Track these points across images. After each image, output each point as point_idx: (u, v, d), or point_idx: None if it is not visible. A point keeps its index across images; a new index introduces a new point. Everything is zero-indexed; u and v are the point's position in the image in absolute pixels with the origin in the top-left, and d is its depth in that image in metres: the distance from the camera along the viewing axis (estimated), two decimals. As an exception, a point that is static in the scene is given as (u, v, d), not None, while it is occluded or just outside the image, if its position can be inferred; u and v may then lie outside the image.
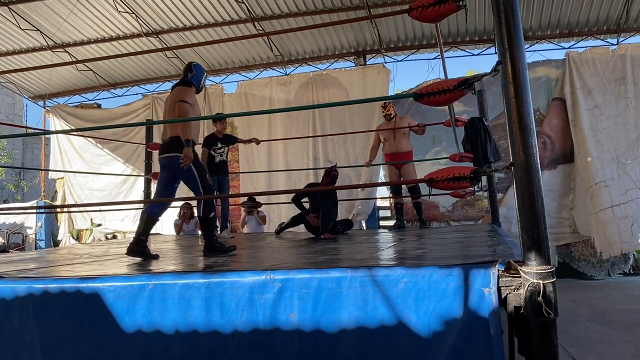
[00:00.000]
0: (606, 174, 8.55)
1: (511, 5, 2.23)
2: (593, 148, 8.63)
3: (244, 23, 9.43)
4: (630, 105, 8.67)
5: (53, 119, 11.73)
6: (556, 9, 8.74)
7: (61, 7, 9.08)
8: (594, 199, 8.49)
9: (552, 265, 2.14)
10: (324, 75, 10.22)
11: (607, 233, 8.39)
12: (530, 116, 2.17)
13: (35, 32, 9.80)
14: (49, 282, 2.72)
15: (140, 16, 9.39)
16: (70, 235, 11.46)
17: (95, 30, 9.85)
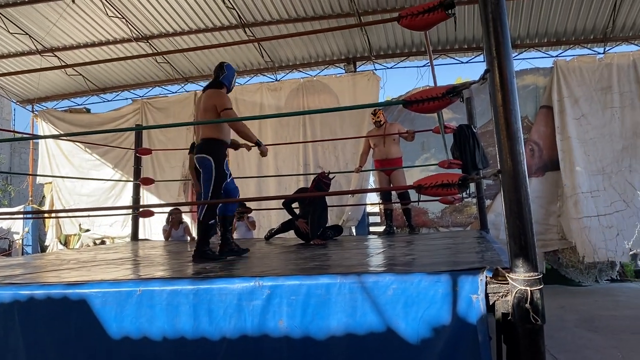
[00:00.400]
0: (592, 185, 8.63)
1: (499, 14, 2.25)
2: (580, 159, 8.70)
3: (235, 29, 9.44)
4: (616, 116, 8.76)
5: (41, 123, 11.64)
6: (544, 18, 8.85)
7: (51, 12, 9.04)
8: (578, 206, 8.57)
9: (539, 272, 2.15)
10: (314, 81, 10.25)
11: (591, 239, 8.46)
12: (517, 124, 2.19)
13: (24, 36, 9.74)
14: (35, 288, 2.69)
15: (131, 21, 9.37)
16: (58, 240, 11.35)
17: (85, 35, 9.81)
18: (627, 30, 9.04)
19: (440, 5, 2.54)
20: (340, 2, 8.69)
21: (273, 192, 10.05)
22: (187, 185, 10.42)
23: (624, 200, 8.58)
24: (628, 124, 8.73)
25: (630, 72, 8.80)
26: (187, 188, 10.53)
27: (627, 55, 8.91)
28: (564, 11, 8.65)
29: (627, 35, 9.13)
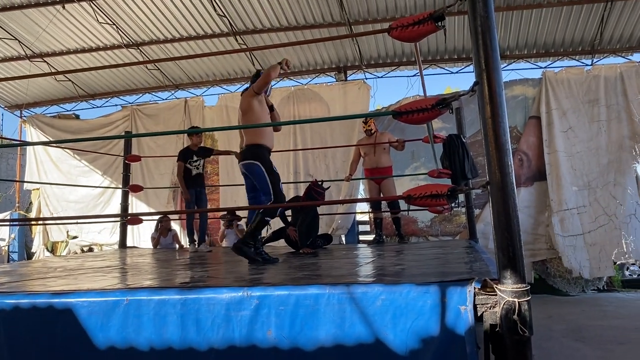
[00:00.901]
0: (578, 201, 8.71)
1: (488, 27, 2.27)
2: (567, 173, 8.78)
3: (226, 37, 9.45)
4: (603, 129, 8.86)
5: (30, 129, 11.55)
6: (533, 29, 8.95)
7: (40, 17, 9.00)
8: (565, 223, 8.65)
9: (527, 283, 2.16)
10: (305, 89, 10.26)
11: (577, 257, 8.58)
12: (506, 136, 2.21)
13: (13, 42, 9.69)
14: (21, 297, 2.66)
15: (121, 27, 9.35)
16: (45, 247, 11.23)
17: (75, 41, 9.77)
18: (615, 43, 9.18)
19: (430, 18, 2.55)
20: (332, 11, 8.74)
21: (263, 199, 10.02)
22: (177, 193, 10.36)
23: (607, 213, 8.66)
24: (614, 137, 8.83)
25: (617, 84, 8.91)
26: (177, 196, 10.47)
27: (615, 67, 9.03)
28: (553, 23, 8.76)
29: (615, 47, 9.27)
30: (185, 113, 10.66)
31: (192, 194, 6.46)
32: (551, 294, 8.68)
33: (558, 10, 8.49)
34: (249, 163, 4.32)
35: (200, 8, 8.77)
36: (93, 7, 8.72)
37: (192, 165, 6.53)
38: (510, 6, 8.38)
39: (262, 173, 4.26)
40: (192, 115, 10.68)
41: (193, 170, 6.53)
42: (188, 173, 6.49)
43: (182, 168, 6.49)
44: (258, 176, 4.30)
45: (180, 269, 4.22)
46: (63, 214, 10.87)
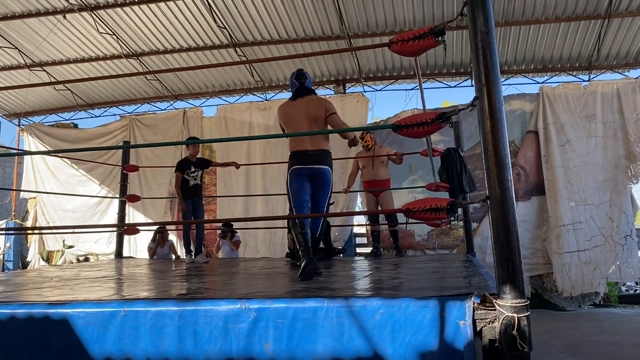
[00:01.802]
0: (575, 216, 8.75)
1: (489, 42, 2.29)
2: (563, 188, 8.83)
3: (225, 48, 9.50)
4: (599, 146, 8.92)
5: (28, 137, 11.55)
6: (531, 45, 9.03)
7: (41, 26, 9.05)
8: (560, 240, 8.68)
9: (526, 298, 2.16)
10: (303, 102, 10.28)
11: (570, 275, 8.61)
12: (505, 151, 2.22)
13: (13, 50, 9.71)
14: (16, 307, 2.63)
15: (121, 38, 9.39)
16: (40, 256, 11.17)
17: (75, 50, 9.81)
18: (612, 59, 9.25)
19: (430, 32, 2.57)
20: (331, 24, 8.80)
21: (260, 211, 10.03)
22: (174, 203, 10.35)
23: (603, 234, 8.72)
24: (610, 155, 8.89)
25: (613, 101, 8.98)
26: (174, 206, 10.46)
27: (611, 83, 9.10)
28: (551, 39, 8.84)
29: (612, 63, 9.34)
30: (184, 123, 10.68)
31: (189, 205, 6.45)
32: (548, 309, 8.68)
33: (556, 27, 8.58)
34: (325, 169, 4.04)
35: (201, 19, 8.82)
36: (94, 17, 8.76)
37: (189, 176, 6.52)
38: (509, 22, 8.45)
39: (330, 181, 4.10)
40: (191, 126, 10.70)
41: (191, 181, 6.52)
42: (185, 184, 6.48)
43: (179, 179, 6.48)
44: (328, 183, 4.08)
45: (177, 280, 4.20)
46: (60, 222, 10.83)
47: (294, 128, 4.10)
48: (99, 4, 8.57)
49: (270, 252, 9.83)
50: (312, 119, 4.06)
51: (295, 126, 4.09)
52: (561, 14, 8.29)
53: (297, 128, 4.08)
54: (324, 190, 4.09)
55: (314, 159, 4.01)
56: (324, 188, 4.07)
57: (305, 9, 8.45)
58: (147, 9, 8.66)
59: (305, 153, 4.00)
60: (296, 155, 4.06)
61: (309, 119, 4.06)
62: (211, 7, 8.42)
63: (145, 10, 8.69)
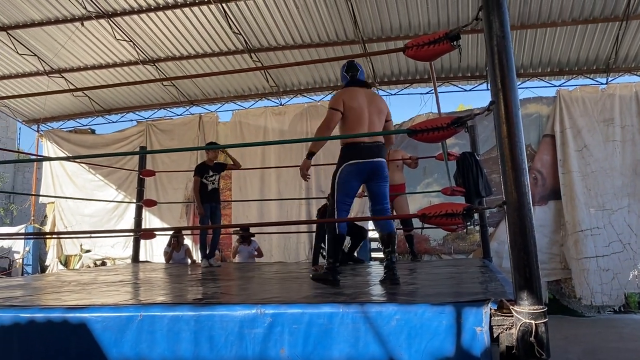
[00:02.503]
0: (592, 222, 8.63)
1: (505, 46, 2.27)
2: (581, 193, 8.72)
3: (241, 54, 9.56)
4: (617, 150, 8.79)
5: (46, 143, 11.72)
6: (547, 48, 8.94)
7: (59, 34, 9.19)
8: (578, 245, 8.57)
9: (544, 304, 2.13)
10: (318, 106, 10.32)
11: (589, 282, 8.48)
12: (522, 156, 2.20)
13: (32, 57, 9.87)
14: (35, 312, 2.67)
15: (138, 44, 9.49)
16: (59, 260, 11.31)
17: (92, 57, 9.94)
18: (630, 62, 9.13)
19: (445, 37, 2.56)
20: (346, 29, 8.81)
21: (274, 215, 10.06)
22: (190, 208, 10.42)
23: (621, 241, 8.58)
24: (628, 160, 8.76)
25: (632, 104, 8.86)
26: (190, 210, 10.53)
27: (630, 86, 8.98)
28: (567, 41, 8.75)
29: (630, 66, 9.21)
30: (200, 129, 10.76)
31: (206, 209, 6.47)
32: (566, 315, 8.56)
33: (573, 29, 8.49)
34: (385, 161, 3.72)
35: (216, 26, 8.89)
36: (111, 24, 8.88)
37: (207, 180, 6.55)
38: (525, 25, 8.39)
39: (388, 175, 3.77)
40: (207, 131, 10.77)
41: (209, 185, 6.55)
42: (204, 188, 6.51)
43: (198, 183, 6.51)
44: (388, 182, 3.78)
45: (193, 284, 4.22)
46: (77, 227, 10.96)
47: (360, 117, 3.64)
48: (116, 11, 8.68)
49: (284, 257, 9.84)
50: (380, 113, 3.76)
51: (363, 116, 3.64)
52: (578, 16, 8.20)
53: (364, 118, 3.64)
54: (386, 186, 3.75)
55: (375, 152, 3.63)
56: (384, 183, 3.72)
57: (320, 14, 8.47)
58: (163, 16, 8.75)
59: (362, 146, 3.59)
60: (352, 147, 3.60)
61: (379, 113, 3.75)
62: (226, 13, 8.48)
63: (161, 17, 8.78)
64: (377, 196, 3.71)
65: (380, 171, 3.65)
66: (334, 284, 3.39)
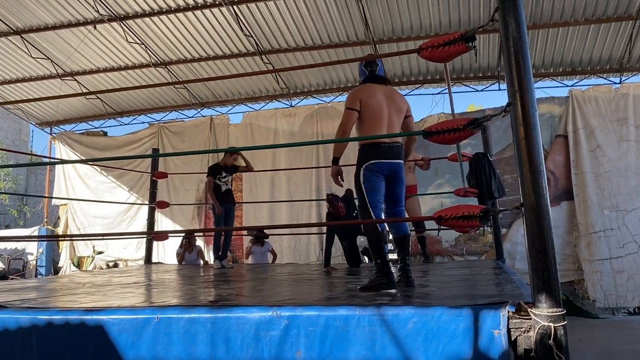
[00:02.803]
0: (606, 223, 8.56)
1: (521, 47, 2.26)
2: (594, 194, 8.65)
3: (252, 56, 9.58)
4: (631, 150, 8.71)
5: (59, 145, 11.82)
6: (559, 48, 8.88)
7: (72, 37, 9.27)
8: (591, 247, 8.50)
9: (562, 307, 2.12)
10: (328, 107, 10.32)
11: (602, 284, 8.40)
12: (540, 157, 2.18)
13: (45, 61, 9.96)
14: (53, 313, 2.69)
15: (150, 47, 9.55)
16: (71, 262, 11.40)
17: (105, 60, 10.01)
18: (644, 61, 9.04)
19: (461, 38, 2.55)
20: (357, 30, 8.80)
21: (285, 216, 10.08)
22: (202, 209, 10.47)
23: (636, 242, 8.50)
24: (643, 159, 8.68)
25: (646, 103, 8.78)
26: (201, 212, 10.57)
27: (644, 85, 8.90)
28: (580, 41, 8.69)
29: (644, 65, 9.12)
30: (211, 131, 10.80)
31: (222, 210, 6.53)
32: (580, 316, 8.48)
33: (585, 29, 8.43)
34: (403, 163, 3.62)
35: (227, 28, 8.92)
36: (123, 27, 8.94)
37: (221, 181, 6.60)
38: (537, 24, 8.33)
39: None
40: (217, 133, 10.82)
41: (222, 186, 6.60)
42: (218, 189, 6.56)
43: (212, 183, 6.57)
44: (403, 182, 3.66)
45: (207, 286, 4.24)
46: (90, 229, 11.04)
47: (379, 116, 3.49)
48: (127, 14, 8.74)
49: (295, 258, 9.85)
50: (399, 111, 3.60)
51: (381, 114, 3.49)
52: (591, 15, 8.14)
53: (382, 117, 3.50)
54: (403, 188, 3.67)
55: (395, 153, 3.52)
56: (402, 185, 3.65)
57: (331, 16, 8.47)
58: (174, 19, 8.79)
59: (383, 146, 3.46)
60: (373, 147, 3.47)
61: (398, 111, 3.59)
62: (238, 15, 8.51)
63: (172, 20, 8.83)
64: (392, 199, 3.61)
65: (398, 173, 3.56)
66: (389, 287, 3.20)
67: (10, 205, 18.17)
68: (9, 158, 17.71)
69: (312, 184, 10.09)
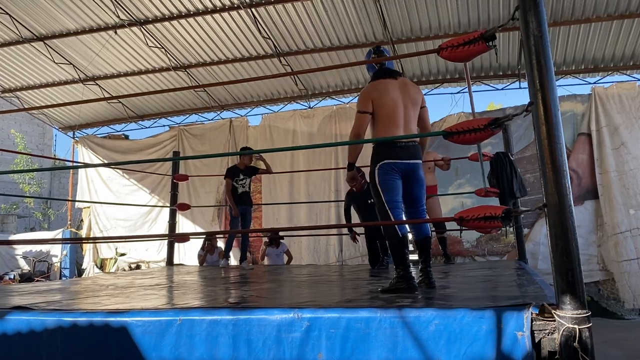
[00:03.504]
0: (632, 223, 8.41)
1: (543, 46, 2.23)
2: (619, 193, 8.49)
3: (270, 58, 9.63)
4: None
5: (82, 149, 12.01)
6: (581, 45, 8.75)
7: (94, 42, 9.41)
8: (618, 247, 8.34)
9: (587, 309, 2.08)
10: (347, 108, 10.31)
11: (631, 284, 8.24)
12: (563, 157, 2.15)
13: (68, 66, 10.13)
14: (78, 315, 2.73)
15: (170, 51, 9.65)
16: (95, 264, 11.57)
17: (125, 64, 10.15)
18: (669, 56, 8.86)
19: (481, 38, 2.53)
20: (375, 30, 8.78)
21: (304, 217, 10.10)
22: (222, 211, 10.53)
23: None
24: (669, 157, 8.50)
25: (671, 99, 8.61)
26: (221, 214, 10.64)
27: (669, 81, 8.72)
28: (602, 37, 8.54)
29: (669, 61, 8.94)
30: (230, 133, 10.88)
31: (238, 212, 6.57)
32: (605, 317, 8.33)
33: (607, 25, 8.29)
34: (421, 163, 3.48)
35: (246, 31, 8.98)
36: (143, 32, 9.05)
37: (238, 183, 6.63)
38: (557, 22, 8.22)
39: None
40: (237, 135, 10.89)
41: (239, 188, 6.63)
42: (234, 191, 6.60)
43: (230, 185, 6.61)
44: (425, 185, 3.56)
45: (229, 287, 4.26)
46: (112, 231, 11.19)
47: (394, 114, 3.34)
48: (147, 18, 8.85)
49: (314, 259, 9.86)
50: (415, 104, 3.43)
51: (397, 112, 3.34)
52: (613, 11, 8.00)
53: (398, 114, 3.34)
54: (423, 188, 3.51)
55: (412, 153, 3.36)
56: (421, 186, 3.49)
57: (349, 16, 8.47)
58: (194, 22, 8.88)
59: (399, 145, 3.32)
60: (387, 146, 3.33)
61: (413, 104, 3.42)
62: (256, 18, 8.56)
63: (192, 23, 8.92)
64: (412, 199, 3.46)
65: (416, 173, 3.40)
66: (410, 291, 3.12)
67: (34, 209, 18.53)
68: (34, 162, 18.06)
69: (330, 184, 10.09)
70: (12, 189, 17.33)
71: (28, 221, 18.34)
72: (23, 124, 18.97)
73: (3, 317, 2.79)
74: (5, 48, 9.70)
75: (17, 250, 12.62)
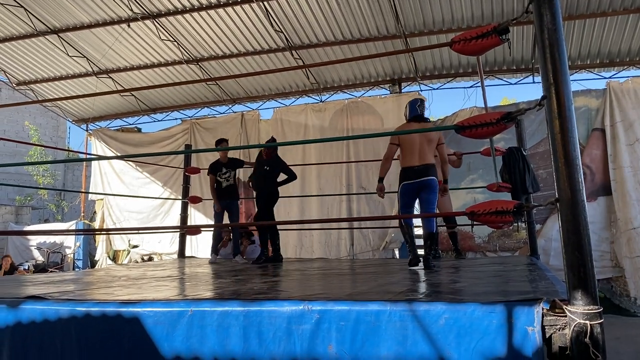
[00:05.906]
0: None
1: (557, 39, 2.21)
2: (632, 189, 8.38)
3: (282, 51, 9.61)
4: None
5: (95, 141, 12.11)
6: (596, 39, 8.64)
7: (107, 35, 9.47)
8: (631, 243, 8.25)
9: (599, 305, 2.07)
10: (358, 102, 10.28)
11: None
12: (576, 152, 2.14)
13: (81, 59, 10.21)
14: (91, 305, 2.77)
15: (182, 44, 9.68)
16: (107, 255, 11.68)
17: (138, 57, 10.20)
18: (686, 51, 8.72)
19: (494, 31, 2.51)
20: (387, 24, 8.73)
21: (315, 211, 10.09)
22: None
23: None
24: (684, 153, 8.38)
25: (687, 94, 8.47)
26: (233, 207, 10.66)
27: (685, 76, 8.58)
28: (618, 31, 8.43)
29: (686, 55, 8.80)
30: (242, 126, 10.89)
31: (222, 206, 6.68)
32: (617, 314, 8.26)
33: (624, 18, 8.17)
34: (430, 179, 4.73)
35: (258, 24, 8.97)
36: (156, 25, 9.09)
37: (221, 177, 6.74)
38: (572, 16, 8.12)
39: (437, 187, 4.83)
40: (248, 129, 10.90)
41: (223, 182, 6.74)
42: (219, 185, 6.71)
43: (213, 180, 6.73)
44: (433, 189, 4.76)
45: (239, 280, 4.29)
46: (125, 223, 11.28)
47: (412, 147, 4.74)
48: (160, 12, 8.88)
49: (325, 253, 9.87)
50: (431, 142, 4.78)
51: (414, 146, 4.74)
52: (629, 5, 7.88)
53: (413, 147, 4.74)
54: (432, 194, 4.79)
55: (421, 173, 4.73)
56: (430, 193, 4.77)
57: (361, 9, 8.43)
58: (206, 16, 8.89)
59: (413, 169, 4.73)
60: (406, 171, 4.79)
61: (429, 142, 4.77)
62: (268, 11, 8.55)
63: (204, 17, 8.93)
64: (423, 202, 4.83)
65: (428, 185, 4.72)
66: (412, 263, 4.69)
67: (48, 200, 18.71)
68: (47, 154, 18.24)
69: (342, 179, 10.08)
70: (26, 181, 17.51)
71: (42, 213, 18.53)
72: (37, 116, 19.13)
73: (18, 306, 2.84)
74: (20, 41, 9.79)
75: (32, 242, 12.79)
